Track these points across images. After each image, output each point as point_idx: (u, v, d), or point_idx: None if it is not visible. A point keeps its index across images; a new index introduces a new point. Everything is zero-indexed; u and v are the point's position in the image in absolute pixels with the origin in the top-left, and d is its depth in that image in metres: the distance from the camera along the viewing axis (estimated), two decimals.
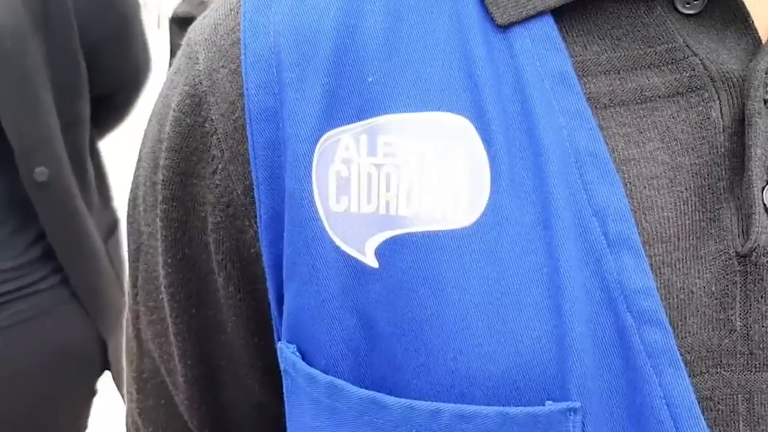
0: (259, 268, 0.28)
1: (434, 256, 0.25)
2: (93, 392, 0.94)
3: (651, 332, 0.24)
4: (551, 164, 0.25)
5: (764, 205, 0.25)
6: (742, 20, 0.26)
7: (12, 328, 0.80)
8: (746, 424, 0.24)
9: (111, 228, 0.96)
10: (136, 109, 1.05)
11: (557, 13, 0.26)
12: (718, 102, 0.26)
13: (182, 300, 0.31)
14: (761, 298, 0.25)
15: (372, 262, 0.25)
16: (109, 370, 0.93)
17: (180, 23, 0.97)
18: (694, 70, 0.26)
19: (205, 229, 0.29)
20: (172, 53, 1.00)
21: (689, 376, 0.24)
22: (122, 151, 1.22)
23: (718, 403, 0.24)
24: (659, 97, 0.26)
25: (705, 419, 0.24)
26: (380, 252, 0.25)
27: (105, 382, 0.96)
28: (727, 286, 0.25)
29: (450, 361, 0.24)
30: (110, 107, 0.98)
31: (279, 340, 0.28)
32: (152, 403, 0.35)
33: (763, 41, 0.26)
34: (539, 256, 0.24)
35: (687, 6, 0.26)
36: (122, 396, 0.97)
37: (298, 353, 0.27)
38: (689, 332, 0.24)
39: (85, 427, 0.95)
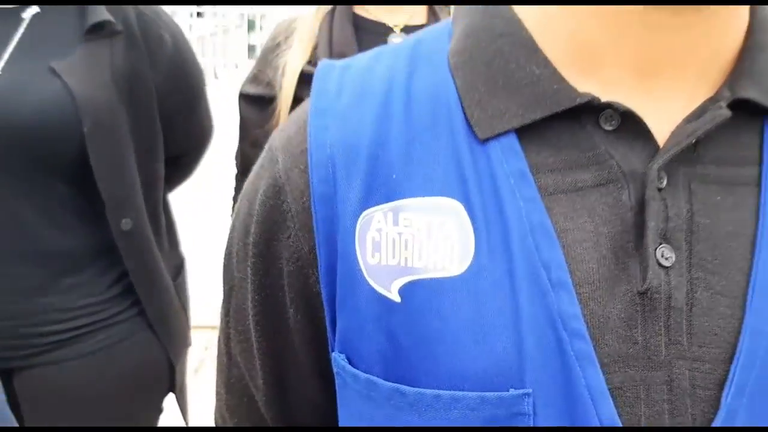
0: (319, 303, 0.40)
1: (437, 294, 0.37)
2: (160, 410, 1.08)
3: (579, 344, 0.36)
4: (514, 233, 0.37)
5: (656, 260, 0.37)
6: (645, 135, 0.38)
7: (99, 352, 0.95)
8: (646, 406, 0.36)
9: (178, 268, 1.12)
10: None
11: (518, 130, 0.39)
12: (627, 190, 0.38)
13: (264, 326, 0.44)
14: (654, 321, 0.37)
15: (396, 298, 0.38)
16: (173, 391, 1.07)
17: (247, 99, 1.12)
18: (611, 168, 0.38)
19: (282, 276, 0.42)
20: (242, 126, 1.14)
21: (605, 374, 0.36)
22: (187, 204, 1.37)
23: (626, 391, 0.36)
24: (587, 187, 0.38)
25: (616, 403, 0.36)
26: (402, 291, 0.38)
27: (169, 401, 1.10)
28: (632, 313, 0.37)
29: (448, 363, 0.36)
30: (178, 166, 1.14)
31: (332, 351, 0.41)
32: (237, 401, 0.48)
33: (661, 147, 0.38)
34: (506, 294, 0.36)
35: (607, 125, 0.39)
36: (183, 414, 1.11)
37: (346, 360, 0.39)
38: (606, 344, 0.36)
39: None
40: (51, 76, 0.91)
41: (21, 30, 0.94)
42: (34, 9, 0.96)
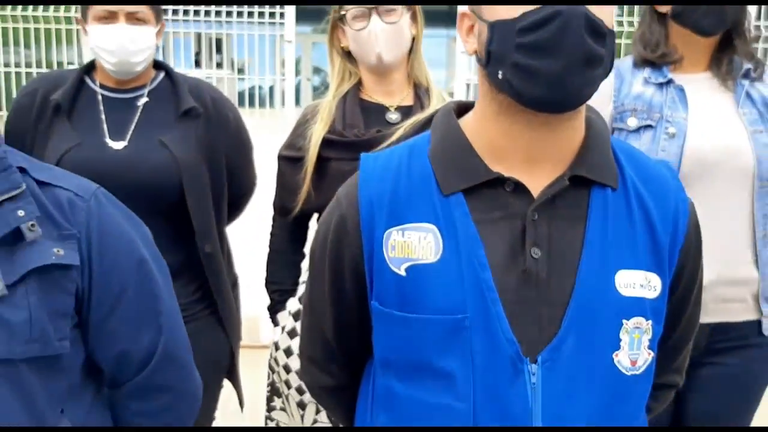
0: (363, 277, 0.80)
1: (424, 271, 0.77)
2: (221, 386, 1.45)
3: (491, 294, 0.75)
4: (461, 241, 0.77)
5: (531, 255, 0.76)
6: (527, 193, 0.78)
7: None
8: (525, 324, 0.75)
9: (234, 283, 1.50)
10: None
11: (463, 191, 0.79)
12: (518, 221, 0.78)
13: (333, 290, 0.83)
14: (531, 285, 0.75)
15: (403, 273, 0.77)
16: (232, 371, 1.44)
17: (284, 159, 1.47)
18: (510, 210, 0.78)
19: (344, 263, 0.82)
20: (279, 178, 1.49)
21: (505, 310, 0.74)
22: (238, 234, 1.75)
23: (516, 318, 0.75)
24: (498, 219, 0.78)
25: (510, 323, 0.74)
26: (406, 270, 0.77)
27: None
28: (519, 281, 0.76)
29: (429, 303, 0.76)
30: (233, 207, 1.54)
31: (371, 300, 0.80)
32: (314, 335, 0.87)
33: (535, 200, 0.78)
34: (457, 270, 0.76)
35: (508, 188, 0.79)
36: (237, 389, 1.48)
37: (378, 304, 0.79)
38: (507, 295, 0.75)
39: (215, 409, 1.46)
40: (160, 146, 1.32)
41: (137, 114, 1.35)
42: (144, 99, 1.37)
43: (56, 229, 0.80)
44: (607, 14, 0.72)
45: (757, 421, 1.53)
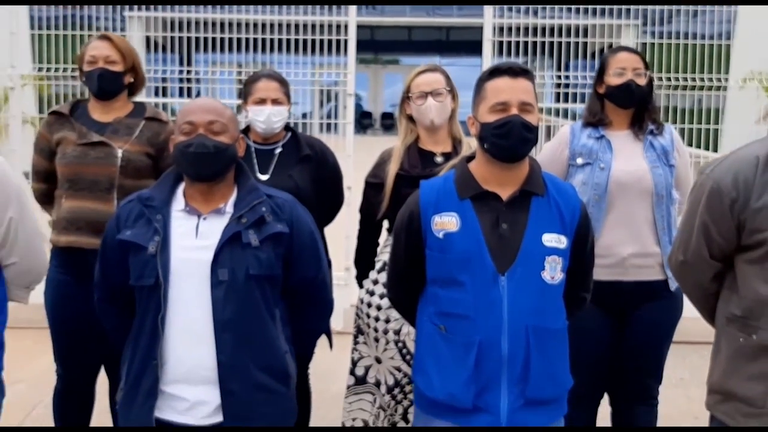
0: (422, 239, 1.65)
1: (451, 235, 1.62)
2: None
3: (482, 245, 1.60)
4: (468, 221, 1.62)
5: (501, 226, 1.61)
6: (499, 198, 1.64)
7: None
8: (498, 261, 1.59)
9: (328, 263, 2.37)
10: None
11: (471, 197, 1.64)
12: (496, 212, 1.63)
13: (407, 247, 1.70)
14: (502, 241, 1.61)
15: (441, 237, 1.63)
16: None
17: (369, 185, 2.33)
18: (492, 206, 1.63)
19: (412, 233, 1.68)
20: (364, 196, 2.36)
21: (489, 252, 1.59)
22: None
23: (494, 255, 1.60)
24: (486, 211, 1.62)
25: (491, 258, 1.59)
26: (443, 235, 1.63)
27: None
28: (496, 239, 1.60)
29: (454, 250, 1.61)
30: (327, 216, 2.43)
31: (426, 250, 1.65)
32: (397, 270, 1.77)
33: (504, 201, 1.63)
34: (468, 234, 1.61)
35: (491, 197, 1.64)
36: (328, 337, 2.33)
37: (430, 250, 1.65)
38: (491, 245, 1.60)
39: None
40: (289, 178, 2.21)
41: (275, 159, 2.25)
42: (279, 149, 2.27)
43: (276, 216, 1.67)
44: (533, 118, 1.60)
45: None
